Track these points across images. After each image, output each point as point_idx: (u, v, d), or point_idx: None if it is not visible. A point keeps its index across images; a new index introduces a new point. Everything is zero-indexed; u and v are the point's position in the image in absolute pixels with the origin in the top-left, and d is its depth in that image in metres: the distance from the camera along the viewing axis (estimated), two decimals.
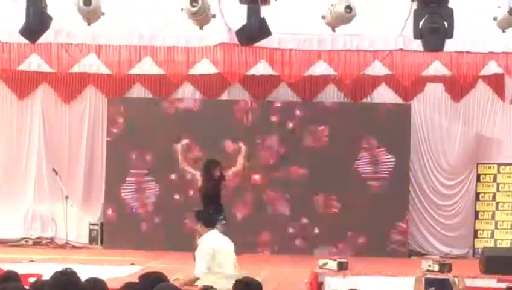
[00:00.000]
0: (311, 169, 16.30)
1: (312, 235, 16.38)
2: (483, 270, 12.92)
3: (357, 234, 16.23)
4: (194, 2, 11.57)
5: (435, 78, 16.60)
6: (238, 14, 11.87)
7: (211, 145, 15.91)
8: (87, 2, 11.56)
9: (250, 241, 16.01)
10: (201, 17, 12.13)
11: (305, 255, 15.77)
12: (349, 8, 11.79)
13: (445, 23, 11.07)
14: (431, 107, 16.77)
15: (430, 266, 12.24)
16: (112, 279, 8.31)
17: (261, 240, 16.36)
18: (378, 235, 16.12)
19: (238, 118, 16.38)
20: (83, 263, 12.49)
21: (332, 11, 12.09)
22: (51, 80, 16.73)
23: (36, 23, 11.47)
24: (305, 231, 16.40)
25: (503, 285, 10.07)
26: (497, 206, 16.56)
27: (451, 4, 11.10)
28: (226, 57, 15.85)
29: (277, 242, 16.40)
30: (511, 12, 11.94)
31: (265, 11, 11.48)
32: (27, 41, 12.83)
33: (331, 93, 16.84)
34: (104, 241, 16.56)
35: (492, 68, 16.14)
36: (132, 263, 13.43)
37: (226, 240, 9.90)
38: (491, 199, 16.59)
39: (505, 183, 16.55)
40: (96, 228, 16.69)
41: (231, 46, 15.49)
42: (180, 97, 16.71)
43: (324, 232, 16.32)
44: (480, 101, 16.77)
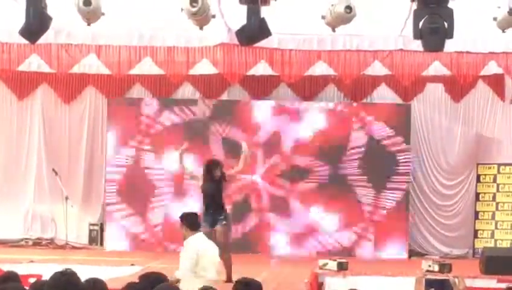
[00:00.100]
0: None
1: None
2: (483, 270, 12.91)
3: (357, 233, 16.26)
4: (193, 2, 11.58)
5: (435, 79, 16.59)
6: (237, 15, 11.87)
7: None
8: (87, 2, 11.57)
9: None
10: (201, 17, 12.14)
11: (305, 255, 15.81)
12: (349, 8, 11.80)
13: (445, 24, 11.08)
14: (431, 107, 16.75)
15: (430, 266, 12.23)
16: (112, 279, 8.31)
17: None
18: (378, 235, 16.11)
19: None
20: (82, 264, 12.49)
21: (332, 11, 12.10)
22: (51, 80, 16.71)
23: (36, 24, 11.46)
24: None
25: (503, 285, 10.07)
26: (497, 206, 16.54)
27: (451, 4, 11.11)
28: (226, 57, 15.84)
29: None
30: (511, 12, 11.96)
31: (265, 11, 11.49)
32: (27, 41, 12.84)
33: (331, 94, 16.82)
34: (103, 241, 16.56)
35: (492, 68, 16.13)
36: (132, 264, 13.44)
37: (211, 244, 9.89)
38: (491, 199, 16.58)
39: (505, 184, 16.54)
40: (96, 228, 16.67)
41: (231, 46, 15.48)
42: (179, 98, 16.71)
43: None
44: (480, 101, 16.75)
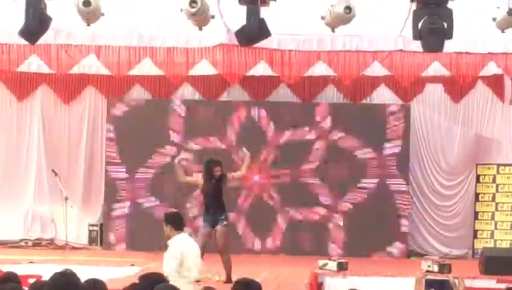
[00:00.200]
0: None
1: None
2: (482, 270, 12.90)
3: (357, 233, 16.26)
4: (193, 2, 11.59)
5: (435, 79, 16.59)
6: (237, 15, 11.88)
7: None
8: (87, 3, 11.58)
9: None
10: (201, 17, 12.15)
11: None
12: (348, 8, 11.80)
13: (445, 24, 11.08)
14: (430, 107, 16.76)
15: (429, 266, 12.22)
16: (112, 280, 8.31)
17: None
18: (378, 235, 16.11)
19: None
20: (82, 264, 12.49)
21: (331, 12, 12.10)
22: (51, 81, 16.71)
23: (35, 24, 11.47)
24: None
25: (503, 286, 10.07)
26: (496, 206, 16.54)
27: (450, 5, 11.11)
28: (226, 57, 15.83)
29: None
30: (510, 13, 11.97)
31: (265, 12, 11.49)
32: (26, 42, 12.85)
33: (331, 94, 16.82)
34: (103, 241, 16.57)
35: (491, 69, 16.12)
36: (132, 264, 13.45)
37: (194, 244, 9.87)
38: (491, 199, 16.58)
39: (504, 184, 16.54)
40: (96, 229, 16.66)
41: (230, 46, 15.48)
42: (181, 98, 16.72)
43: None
44: (479, 101, 16.76)
